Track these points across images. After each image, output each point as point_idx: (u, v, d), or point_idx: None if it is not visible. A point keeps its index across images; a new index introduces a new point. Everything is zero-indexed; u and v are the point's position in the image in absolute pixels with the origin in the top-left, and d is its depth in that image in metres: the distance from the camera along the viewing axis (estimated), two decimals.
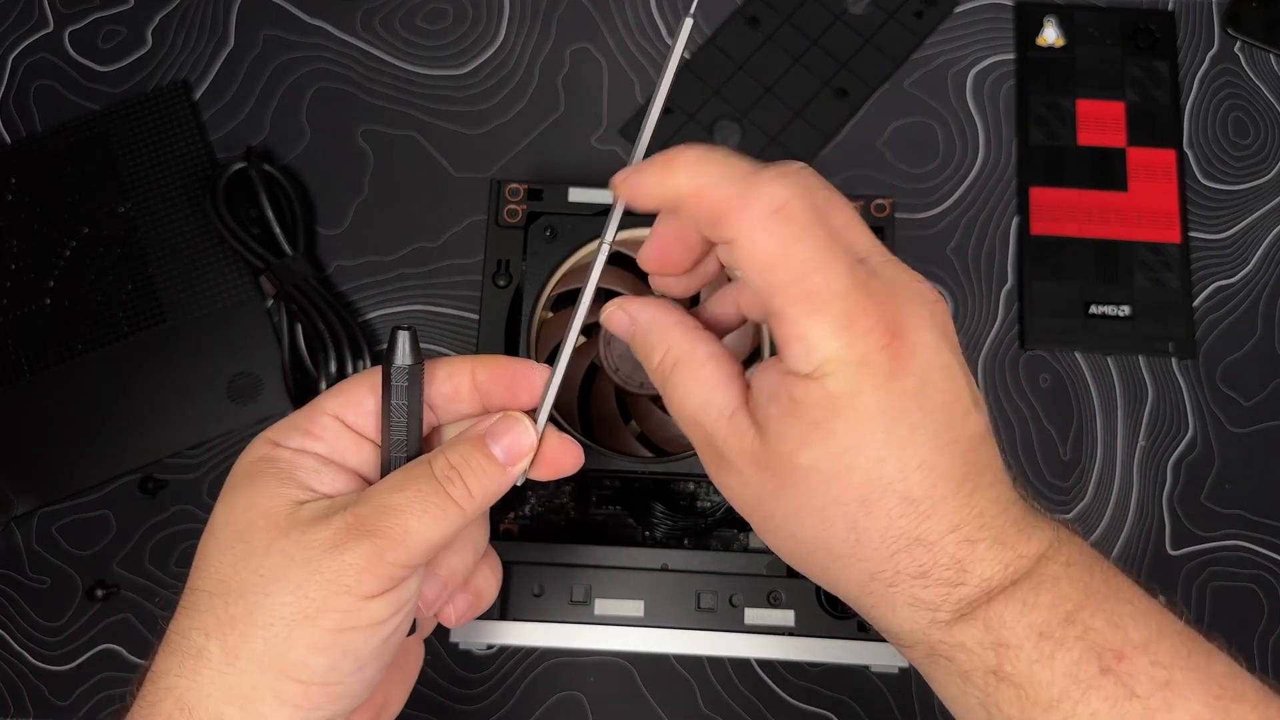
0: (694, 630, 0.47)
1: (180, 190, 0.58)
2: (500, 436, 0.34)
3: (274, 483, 0.32)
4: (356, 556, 0.30)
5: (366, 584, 0.30)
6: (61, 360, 0.56)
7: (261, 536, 0.31)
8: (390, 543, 0.31)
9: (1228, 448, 0.55)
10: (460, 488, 0.32)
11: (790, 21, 0.61)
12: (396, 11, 0.62)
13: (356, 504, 0.31)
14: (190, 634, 0.30)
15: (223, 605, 0.30)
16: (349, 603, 0.30)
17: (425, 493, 0.32)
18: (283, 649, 0.30)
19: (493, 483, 0.33)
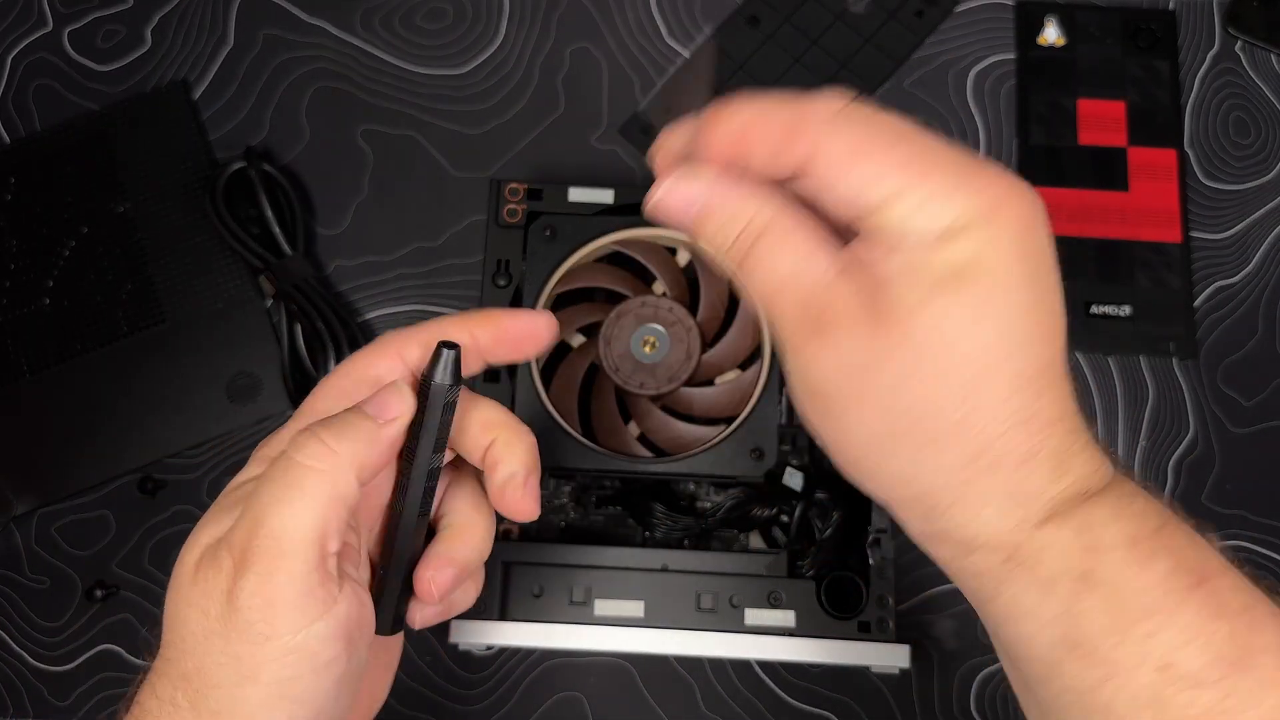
0: (694, 631, 0.47)
1: (179, 190, 0.58)
2: (373, 399, 0.31)
3: (226, 516, 0.30)
4: (249, 596, 0.28)
5: (279, 621, 0.28)
6: (61, 360, 0.56)
7: (184, 584, 0.29)
8: (270, 560, 0.28)
9: (1229, 448, 0.55)
10: (314, 446, 0.29)
11: (790, 21, 0.61)
12: (396, 11, 0.62)
13: (233, 529, 0.29)
14: (164, 678, 0.29)
15: (177, 657, 0.29)
16: (276, 649, 0.28)
17: (276, 477, 0.29)
18: (235, 708, 0.28)
19: (357, 434, 0.30)
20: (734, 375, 0.51)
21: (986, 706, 0.52)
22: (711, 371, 0.51)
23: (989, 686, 0.52)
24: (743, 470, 0.49)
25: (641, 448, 0.51)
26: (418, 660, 0.52)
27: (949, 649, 0.52)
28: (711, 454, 0.49)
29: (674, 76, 0.31)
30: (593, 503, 0.51)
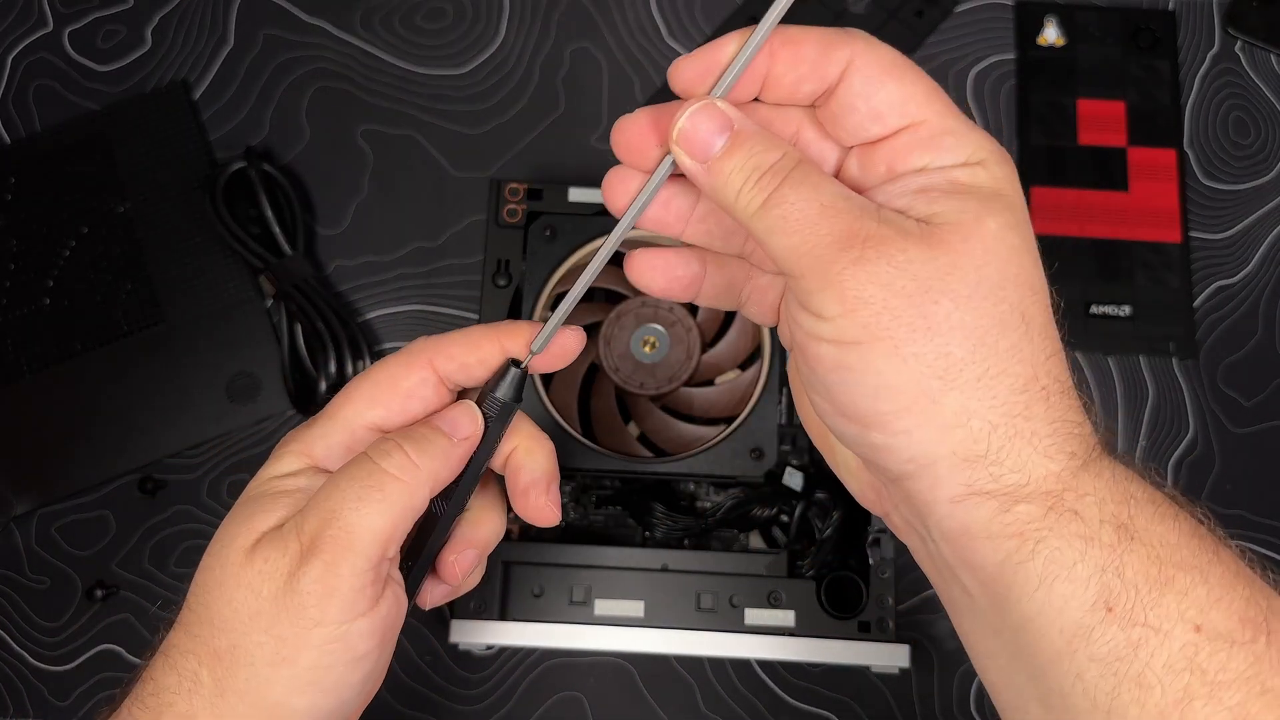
0: (694, 630, 0.47)
1: (179, 190, 0.58)
2: (445, 417, 0.33)
3: (281, 505, 0.31)
4: (310, 582, 0.29)
5: (331, 610, 0.29)
6: (61, 360, 0.56)
7: (234, 564, 0.30)
8: (338, 552, 0.29)
9: (1229, 448, 0.55)
10: (398, 457, 0.31)
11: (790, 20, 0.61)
12: (396, 11, 0.62)
13: (304, 516, 0.30)
14: (187, 655, 0.30)
15: (209, 634, 0.30)
16: (321, 636, 0.29)
17: (359, 478, 0.30)
18: (264, 689, 0.29)
19: (438, 451, 0.31)
20: (734, 375, 0.51)
21: (986, 706, 0.52)
22: (711, 371, 0.51)
23: None
24: (743, 470, 0.49)
25: (641, 448, 0.51)
26: (418, 660, 0.52)
27: (949, 649, 0.52)
28: (711, 454, 0.49)
29: None
30: (593, 503, 0.51)
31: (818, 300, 0.27)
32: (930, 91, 0.29)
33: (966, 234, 0.27)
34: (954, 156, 0.29)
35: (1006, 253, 0.27)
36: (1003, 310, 0.27)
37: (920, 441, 0.27)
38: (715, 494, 0.51)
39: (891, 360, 0.27)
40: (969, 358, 0.27)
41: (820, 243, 0.27)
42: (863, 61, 0.29)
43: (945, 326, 0.27)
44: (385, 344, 0.57)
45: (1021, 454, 0.27)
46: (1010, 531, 0.27)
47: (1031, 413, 0.27)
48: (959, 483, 0.27)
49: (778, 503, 0.49)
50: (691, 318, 0.50)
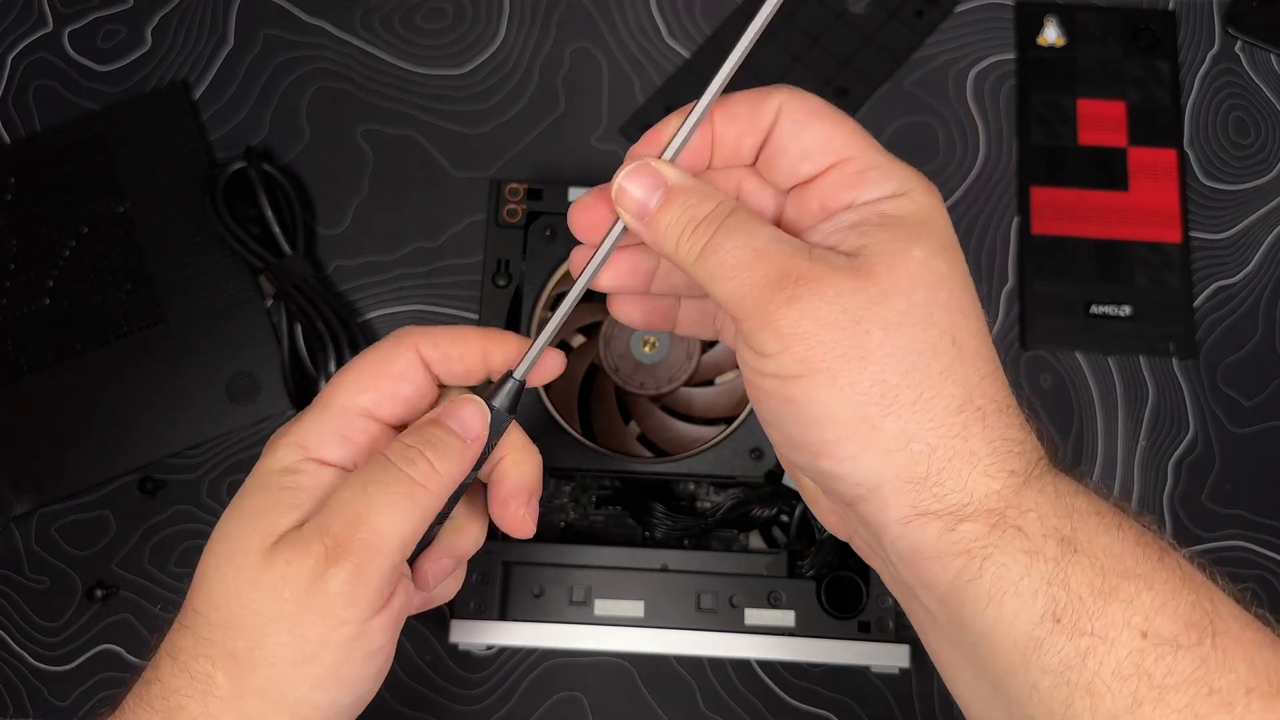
0: (694, 631, 0.47)
1: (179, 190, 0.58)
2: (454, 414, 0.33)
3: (284, 503, 0.31)
4: (340, 583, 0.30)
5: (357, 609, 0.30)
6: (61, 360, 0.56)
7: (251, 567, 0.30)
8: (368, 556, 0.30)
9: (1229, 448, 0.55)
10: (423, 464, 0.31)
11: (791, 20, 0.61)
12: (396, 11, 0.62)
13: (327, 518, 0.31)
14: (198, 658, 0.30)
15: (224, 637, 0.30)
16: (345, 634, 0.30)
17: (387, 484, 0.31)
18: (285, 687, 0.30)
19: (454, 455, 0.32)
20: (734, 375, 0.51)
21: None
22: (711, 371, 0.51)
23: None
24: (742, 470, 0.49)
25: (641, 448, 0.51)
26: (418, 660, 0.52)
27: None
28: (711, 454, 0.49)
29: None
30: (593, 503, 0.51)
31: (758, 339, 0.29)
32: (854, 131, 0.31)
33: (893, 263, 0.28)
34: (880, 190, 0.30)
35: (933, 279, 0.29)
36: (933, 335, 0.28)
37: (865, 467, 0.29)
38: (715, 494, 0.51)
39: (830, 390, 0.28)
40: (903, 383, 0.28)
41: (756, 285, 0.29)
42: (789, 108, 0.31)
43: (878, 355, 0.28)
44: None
45: (962, 474, 0.28)
46: (957, 550, 0.28)
47: (969, 433, 0.28)
48: (905, 504, 0.29)
49: (778, 503, 0.49)
50: None
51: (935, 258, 0.29)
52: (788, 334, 0.28)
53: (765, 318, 0.28)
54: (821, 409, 0.28)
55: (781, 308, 0.28)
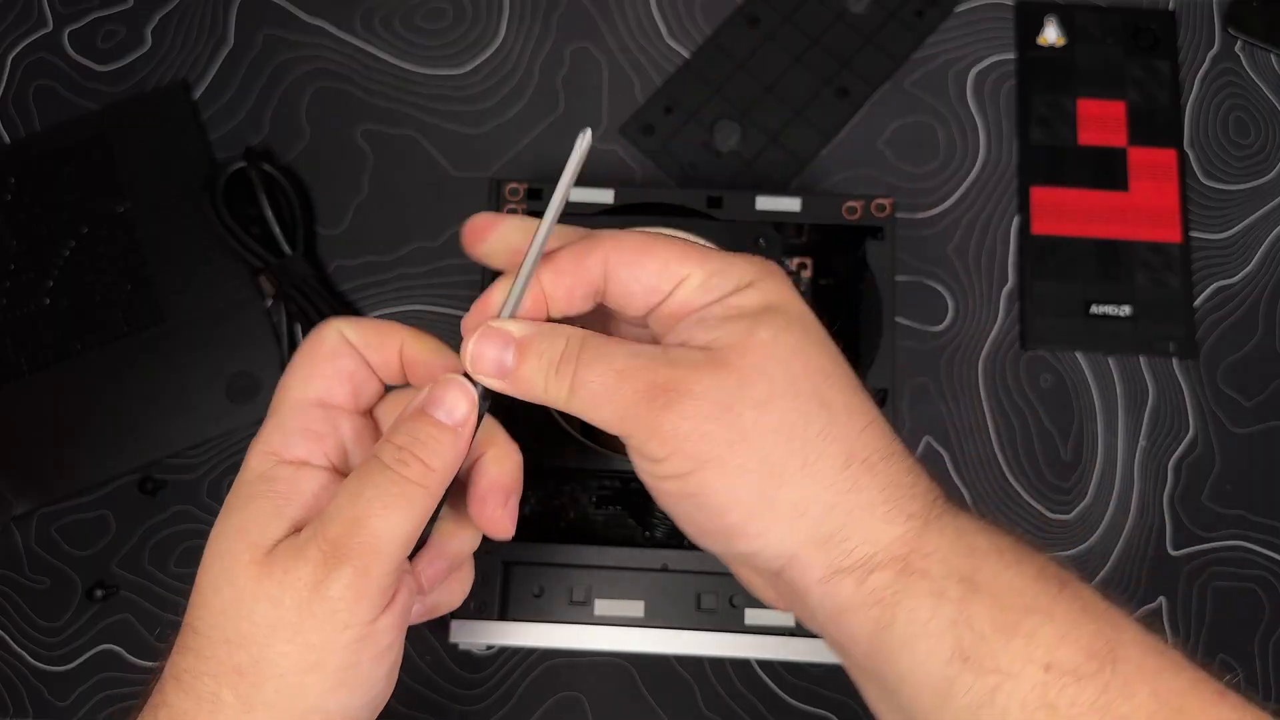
0: (694, 630, 0.47)
1: (179, 190, 0.58)
2: (440, 401, 0.32)
3: (267, 511, 0.31)
4: (342, 588, 0.29)
5: (361, 612, 0.30)
6: (60, 360, 0.56)
7: (248, 578, 0.30)
8: (369, 558, 0.30)
9: (1229, 448, 0.55)
10: (416, 466, 0.31)
11: (791, 20, 0.61)
12: (396, 11, 0.62)
13: (324, 524, 0.30)
14: (202, 678, 0.30)
15: (226, 653, 0.30)
16: (350, 637, 0.30)
17: (382, 486, 0.30)
18: (295, 697, 0.30)
19: (447, 449, 0.31)
20: None
21: None
22: None
23: None
24: None
25: None
26: (418, 660, 0.52)
27: None
28: None
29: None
30: (593, 503, 0.51)
31: (647, 448, 0.30)
32: (685, 251, 0.32)
33: (743, 349, 0.30)
34: (722, 289, 0.32)
35: (786, 353, 0.30)
36: (800, 403, 0.30)
37: (776, 539, 0.30)
38: None
39: (723, 477, 0.30)
40: (786, 453, 0.30)
41: (629, 402, 0.30)
42: (615, 256, 0.32)
43: (756, 433, 0.30)
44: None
45: (864, 524, 0.30)
46: (872, 600, 0.30)
47: (860, 485, 0.30)
48: (820, 565, 0.30)
49: None
50: None
51: (783, 332, 0.31)
52: (670, 436, 0.30)
53: (647, 428, 0.30)
54: (720, 496, 0.30)
55: (659, 415, 0.30)
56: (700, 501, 0.31)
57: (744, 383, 0.30)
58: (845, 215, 0.51)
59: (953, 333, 0.57)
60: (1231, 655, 0.52)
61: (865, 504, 0.30)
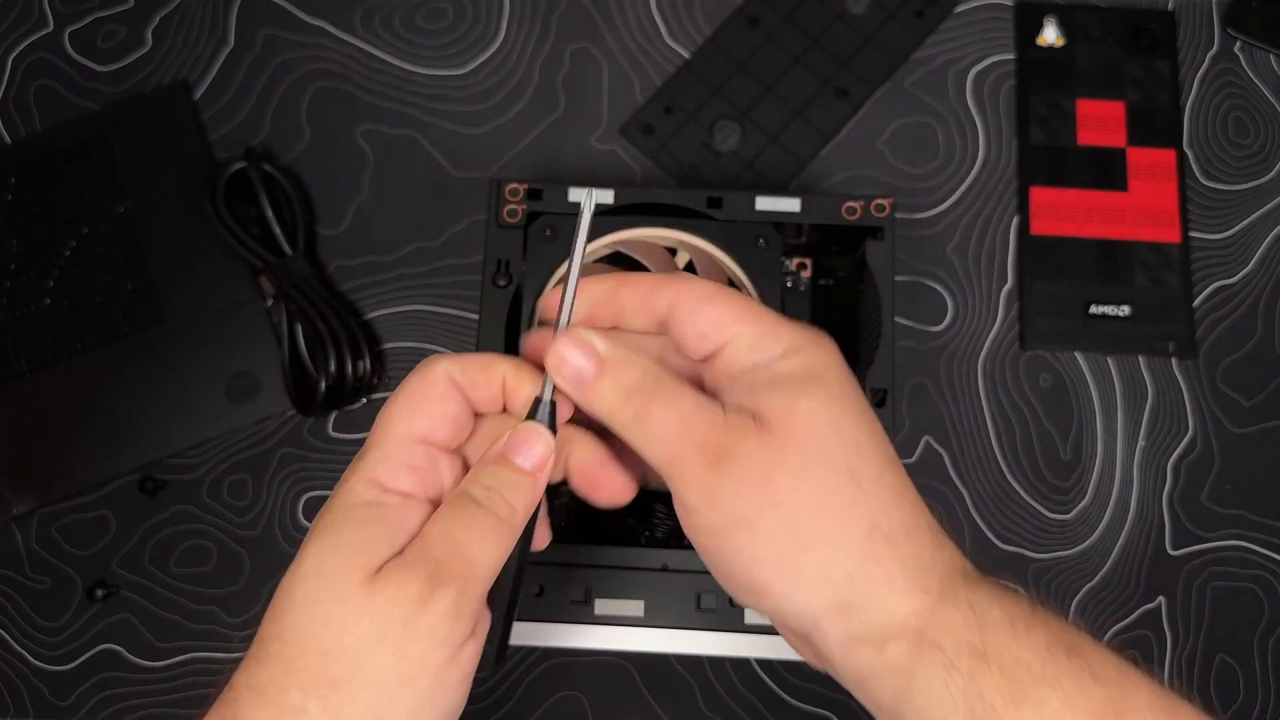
0: (694, 630, 0.47)
1: (180, 190, 0.58)
2: (520, 447, 0.35)
3: (379, 536, 0.32)
4: (445, 605, 0.31)
5: (457, 631, 0.32)
6: (61, 360, 0.56)
7: (355, 595, 0.31)
8: (468, 581, 0.32)
9: (1228, 448, 0.55)
10: (504, 505, 0.34)
11: (790, 21, 0.61)
12: (396, 11, 0.62)
13: (428, 547, 0.32)
14: (288, 690, 0.30)
15: (320, 664, 0.30)
16: (443, 656, 0.31)
17: (477, 519, 0.33)
18: (385, 709, 0.31)
19: (527, 493, 0.34)
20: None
21: None
22: None
23: None
24: None
25: None
26: None
27: None
28: None
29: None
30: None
31: (687, 497, 0.33)
32: (743, 307, 0.34)
33: (785, 419, 0.32)
34: (771, 353, 0.34)
35: (824, 426, 0.32)
36: (832, 475, 0.32)
37: (801, 602, 0.32)
38: None
39: (752, 538, 0.32)
40: (812, 521, 0.32)
41: (682, 452, 0.33)
42: (681, 300, 0.35)
43: (787, 501, 0.32)
44: (386, 344, 0.57)
45: (881, 596, 0.32)
46: (890, 668, 0.31)
47: (880, 557, 0.32)
48: (840, 631, 0.32)
49: None
50: None
51: (825, 405, 0.32)
52: (711, 493, 0.32)
53: (692, 480, 0.32)
54: (748, 554, 0.32)
55: (705, 472, 0.32)
56: (730, 556, 0.33)
57: (782, 451, 0.32)
58: (845, 215, 0.51)
59: (952, 333, 0.57)
60: (1230, 655, 0.52)
61: (884, 576, 0.32)
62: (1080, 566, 0.54)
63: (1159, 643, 0.53)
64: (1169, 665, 0.52)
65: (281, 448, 0.56)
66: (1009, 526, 0.54)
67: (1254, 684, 0.52)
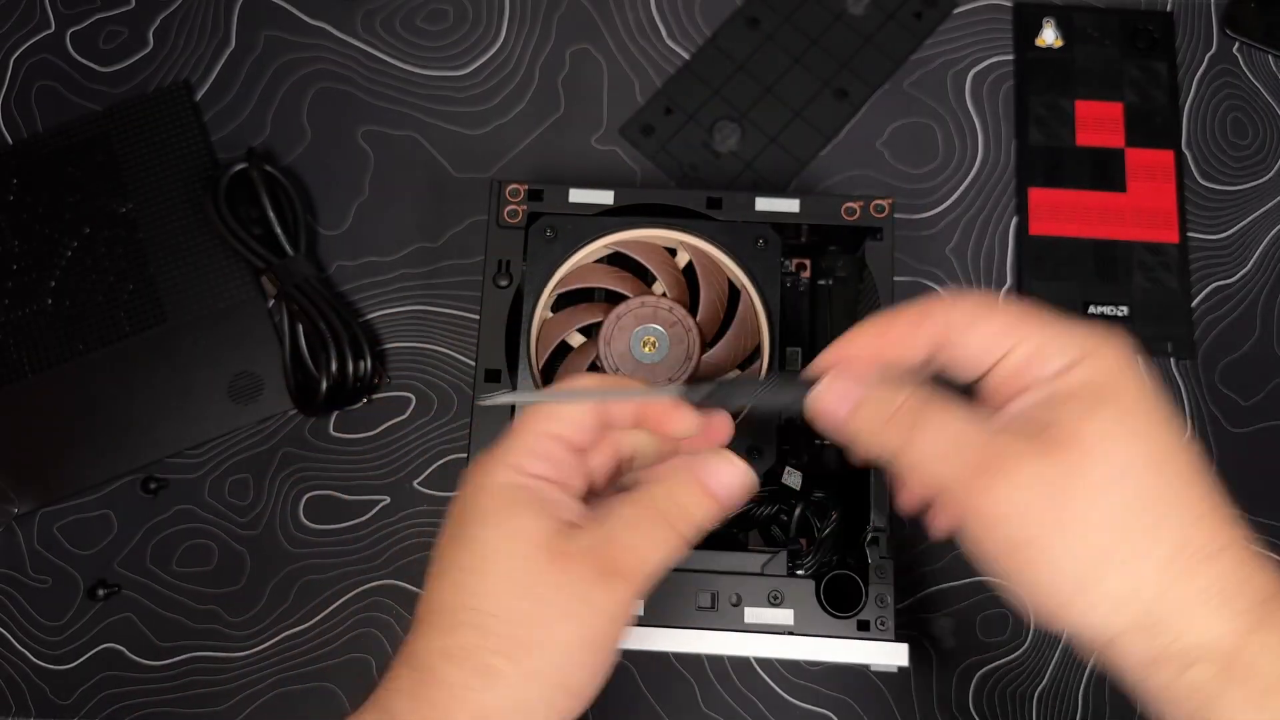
0: (694, 629, 0.47)
1: (181, 191, 0.59)
2: (715, 474, 0.36)
3: (534, 511, 0.34)
4: (620, 594, 0.34)
5: (624, 615, 0.34)
6: (63, 360, 0.56)
7: (536, 565, 0.33)
8: (638, 577, 0.34)
9: (1227, 447, 0.55)
10: (686, 524, 0.35)
11: (790, 22, 0.62)
12: (397, 12, 0.62)
13: (610, 541, 0.34)
14: (481, 652, 0.33)
15: (514, 630, 0.33)
16: (613, 633, 0.34)
17: (658, 527, 0.35)
18: (565, 670, 0.33)
19: (709, 518, 0.36)
20: (733, 375, 0.51)
21: (985, 704, 0.52)
22: (711, 372, 0.51)
23: (988, 684, 0.52)
24: None
25: None
26: None
27: (947, 647, 0.53)
28: None
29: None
30: None
31: (966, 520, 0.32)
32: (1019, 317, 0.33)
33: (1080, 434, 0.31)
34: (1059, 362, 0.32)
35: (1125, 438, 0.31)
36: (1135, 492, 0.31)
37: (1099, 620, 0.31)
38: None
39: (1049, 560, 0.31)
40: (1115, 543, 0.31)
41: (955, 475, 0.32)
42: (954, 316, 0.34)
43: (1084, 522, 0.31)
44: (386, 344, 0.57)
45: (1186, 617, 0.30)
46: (1190, 688, 0.30)
47: (1193, 574, 0.30)
48: (1142, 650, 0.31)
49: (777, 502, 0.50)
50: (691, 318, 0.51)
51: (1124, 416, 0.31)
52: (990, 519, 0.31)
53: (967, 505, 0.32)
54: (1039, 577, 0.31)
55: (980, 496, 0.31)
56: (1019, 578, 0.32)
57: (1074, 470, 0.31)
58: (844, 216, 0.51)
59: None
60: None
61: (1195, 595, 0.30)
62: None
63: None
64: None
65: (283, 447, 0.56)
66: None
67: None
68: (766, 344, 0.51)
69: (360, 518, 0.55)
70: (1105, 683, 0.52)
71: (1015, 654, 0.53)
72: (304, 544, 0.55)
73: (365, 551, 0.55)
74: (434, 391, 0.57)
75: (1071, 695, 0.52)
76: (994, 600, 0.53)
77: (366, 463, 0.56)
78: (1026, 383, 0.33)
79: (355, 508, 0.55)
